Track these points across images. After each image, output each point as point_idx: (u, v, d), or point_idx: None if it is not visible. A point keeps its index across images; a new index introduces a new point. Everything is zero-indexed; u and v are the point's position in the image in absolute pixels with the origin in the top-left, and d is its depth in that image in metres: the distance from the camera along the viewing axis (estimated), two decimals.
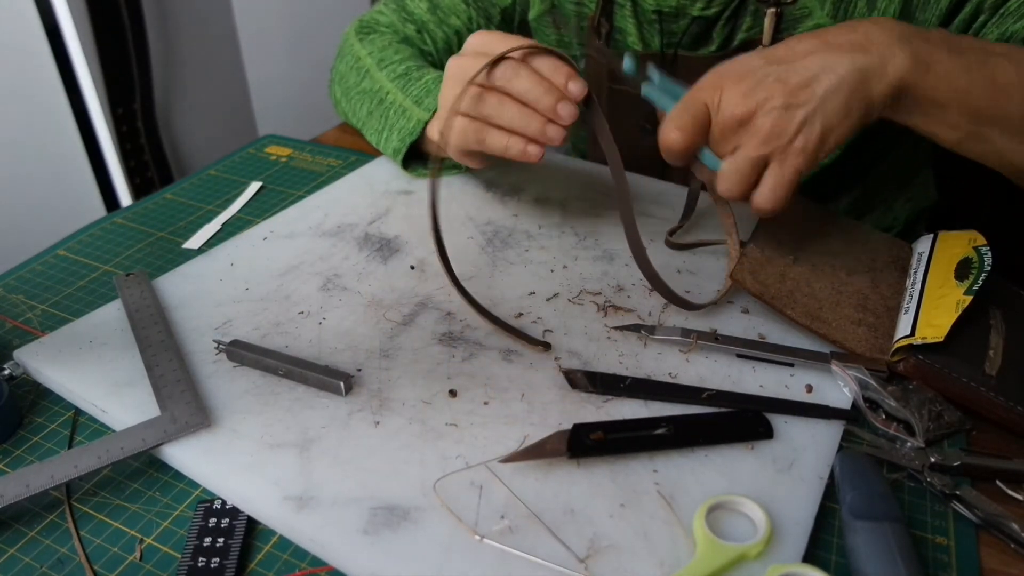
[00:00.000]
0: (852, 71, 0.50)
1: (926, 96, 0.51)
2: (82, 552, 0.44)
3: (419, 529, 0.43)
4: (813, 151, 0.51)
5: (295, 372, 0.52)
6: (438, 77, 0.73)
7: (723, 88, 0.53)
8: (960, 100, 0.51)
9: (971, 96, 0.51)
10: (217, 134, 1.93)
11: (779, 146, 0.52)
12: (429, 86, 0.73)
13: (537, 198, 0.75)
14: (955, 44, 0.52)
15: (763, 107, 0.51)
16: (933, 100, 0.51)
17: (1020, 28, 0.60)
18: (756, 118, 0.52)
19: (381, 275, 0.64)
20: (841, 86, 0.50)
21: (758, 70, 0.52)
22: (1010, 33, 0.61)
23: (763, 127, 0.51)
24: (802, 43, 0.52)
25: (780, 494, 0.45)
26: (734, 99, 0.52)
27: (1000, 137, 0.52)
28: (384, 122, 0.76)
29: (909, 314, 0.54)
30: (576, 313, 0.59)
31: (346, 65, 0.84)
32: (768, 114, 0.51)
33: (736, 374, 0.54)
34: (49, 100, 1.51)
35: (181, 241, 0.71)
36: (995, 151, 0.54)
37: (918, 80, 0.50)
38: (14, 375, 0.54)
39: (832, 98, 0.50)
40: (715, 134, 0.54)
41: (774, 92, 0.51)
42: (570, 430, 0.47)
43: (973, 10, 0.62)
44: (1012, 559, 0.43)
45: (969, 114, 0.52)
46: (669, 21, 0.75)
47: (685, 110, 0.54)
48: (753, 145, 0.52)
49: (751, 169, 0.53)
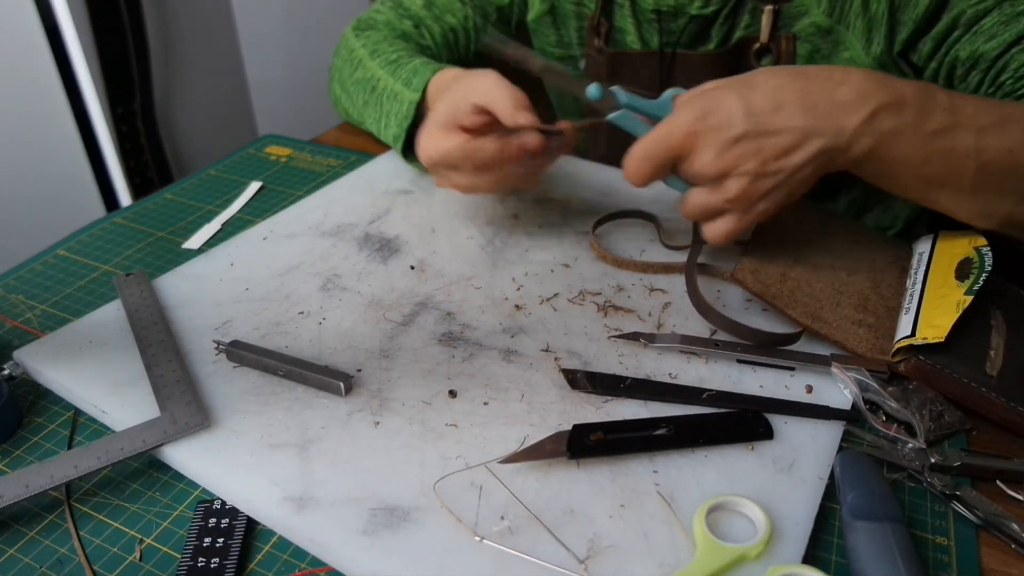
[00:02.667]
0: (823, 150, 0.52)
1: (881, 167, 0.54)
2: (82, 552, 0.44)
3: (419, 530, 0.42)
4: (772, 211, 0.56)
5: (295, 372, 0.52)
6: (427, 61, 0.74)
7: (697, 139, 0.53)
8: (914, 170, 0.53)
9: (926, 167, 0.53)
10: (217, 134, 1.93)
11: (742, 206, 0.55)
12: (417, 68, 0.73)
13: (537, 198, 0.75)
14: (927, 107, 0.52)
15: (735, 170, 0.53)
16: (888, 171, 0.54)
17: (990, 49, 0.61)
18: (727, 179, 0.54)
19: (381, 275, 0.64)
20: (809, 163, 0.53)
21: (734, 126, 0.52)
22: (980, 53, 0.61)
23: (731, 189, 0.54)
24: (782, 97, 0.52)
25: (780, 494, 0.45)
26: (707, 158, 0.53)
27: (949, 199, 0.55)
28: (380, 110, 0.77)
29: (910, 314, 0.54)
30: (576, 313, 0.59)
31: (342, 59, 0.84)
32: (739, 179, 0.53)
33: (736, 375, 0.54)
34: (49, 100, 1.51)
35: (181, 241, 0.71)
36: (942, 207, 0.56)
37: (877, 157, 0.53)
38: (14, 375, 0.54)
39: (799, 172, 0.53)
40: (683, 173, 0.57)
41: (747, 159, 0.53)
42: (570, 430, 0.47)
43: (950, 23, 0.63)
44: (1012, 559, 0.43)
45: (921, 180, 0.54)
46: (668, 20, 0.75)
47: (650, 155, 0.55)
48: (719, 198, 0.55)
49: (712, 211, 0.56)
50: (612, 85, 0.58)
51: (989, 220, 0.55)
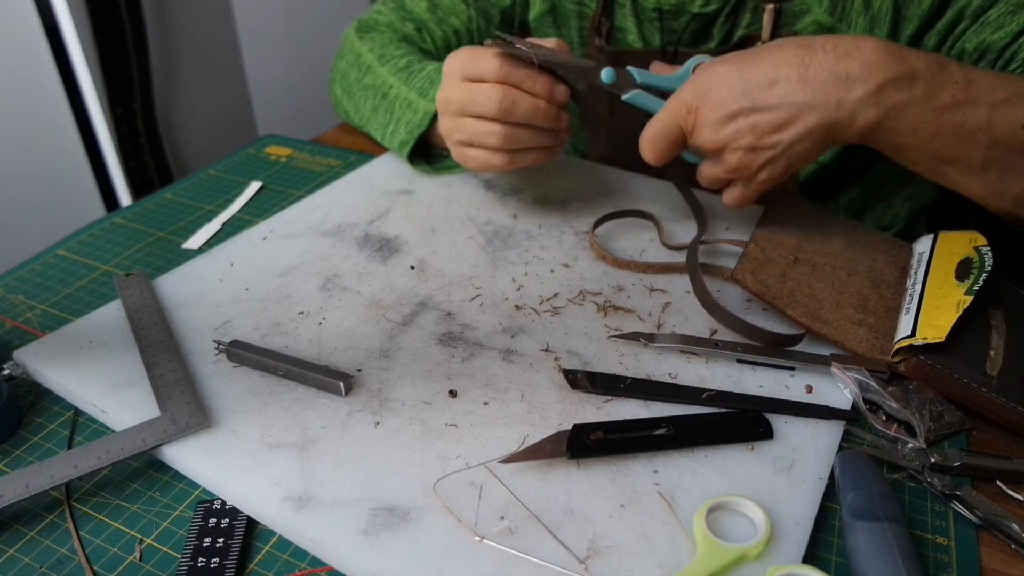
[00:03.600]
0: (820, 124, 0.52)
1: (891, 139, 0.54)
2: (82, 552, 0.44)
3: (419, 530, 0.42)
4: (777, 179, 0.57)
5: (295, 372, 0.52)
6: (439, 68, 0.74)
7: (698, 113, 0.55)
8: (924, 145, 0.53)
9: (935, 141, 0.53)
10: (217, 134, 1.93)
11: (744, 176, 0.57)
12: (432, 76, 0.73)
13: (537, 198, 0.75)
14: (938, 81, 0.52)
15: (731, 144, 0.55)
16: (898, 143, 0.54)
17: (997, 39, 0.61)
18: (725, 152, 0.56)
19: (381, 275, 0.64)
20: (807, 136, 0.53)
21: (733, 101, 0.53)
22: (987, 43, 0.61)
23: (730, 161, 0.56)
24: (781, 72, 0.53)
25: (780, 494, 0.45)
26: (705, 132, 0.55)
27: (959, 176, 0.55)
28: (389, 116, 0.77)
29: (910, 314, 0.54)
30: (576, 313, 0.59)
31: (346, 63, 0.84)
32: (735, 152, 0.55)
33: (736, 374, 0.54)
34: (49, 100, 1.51)
35: (181, 241, 0.71)
36: (952, 184, 0.56)
37: (885, 129, 0.53)
38: (14, 375, 0.54)
39: (797, 145, 0.54)
40: (691, 147, 0.59)
41: (743, 133, 0.54)
42: (570, 430, 0.47)
43: (955, 15, 0.63)
44: (1012, 559, 0.43)
45: (931, 155, 0.54)
46: (669, 19, 0.75)
47: (661, 134, 0.58)
48: (721, 169, 0.58)
49: (721, 180, 0.60)
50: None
51: (1000, 199, 0.55)
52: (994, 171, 0.53)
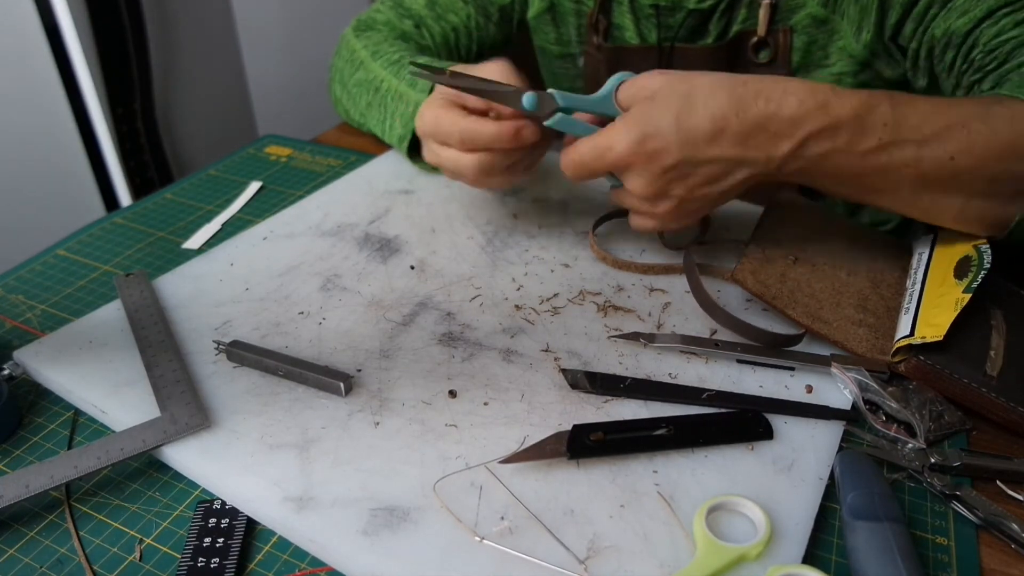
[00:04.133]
0: (750, 177, 0.54)
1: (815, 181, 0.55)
2: (82, 552, 0.44)
3: (419, 530, 0.42)
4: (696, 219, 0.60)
5: (295, 372, 0.52)
6: (431, 60, 0.74)
7: (633, 163, 0.55)
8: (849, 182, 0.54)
9: (862, 179, 0.54)
10: (217, 134, 1.93)
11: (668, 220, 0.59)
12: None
13: (537, 198, 0.75)
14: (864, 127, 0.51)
15: (663, 195, 0.56)
16: (822, 184, 0.56)
17: (961, 24, 0.61)
18: (656, 200, 0.57)
19: (381, 275, 0.64)
20: (735, 188, 0.55)
21: (668, 155, 0.53)
22: (952, 30, 0.62)
23: (659, 209, 0.57)
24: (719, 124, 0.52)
25: (780, 494, 0.45)
26: (640, 182, 0.56)
27: (888, 203, 0.55)
28: (384, 111, 0.77)
29: (909, 314, 0.54)
30: (576, 313, 0.59)
31: (343, 60, 0.84)
32: (665, 201, 0.57)
33: (736, 374, 0.54)
34: (49, 100, 1.51)
35: (181, 241, 0.71)
36: (886, 210, 0.58)
37: (809, 173, 0.54)
38: (14, 375, 0.54)
39: (725, 195, 0.56)
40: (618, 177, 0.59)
41: (676, 185, 0.55)
42: (570, 431, 0.47)
43: (928, 2, 0.63)
44: (1012, 559, 0.43)
45: (858, 190, 0.55)
46: (666, 15, 0.75)
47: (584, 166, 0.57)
48: (643, 206, 0.58)
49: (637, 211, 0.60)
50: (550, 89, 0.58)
51: (937, 219, 0.55)
52: (926, 196, 0.53)
